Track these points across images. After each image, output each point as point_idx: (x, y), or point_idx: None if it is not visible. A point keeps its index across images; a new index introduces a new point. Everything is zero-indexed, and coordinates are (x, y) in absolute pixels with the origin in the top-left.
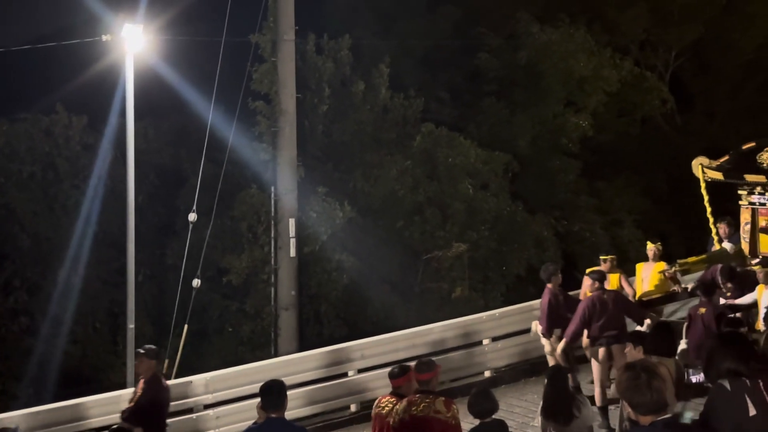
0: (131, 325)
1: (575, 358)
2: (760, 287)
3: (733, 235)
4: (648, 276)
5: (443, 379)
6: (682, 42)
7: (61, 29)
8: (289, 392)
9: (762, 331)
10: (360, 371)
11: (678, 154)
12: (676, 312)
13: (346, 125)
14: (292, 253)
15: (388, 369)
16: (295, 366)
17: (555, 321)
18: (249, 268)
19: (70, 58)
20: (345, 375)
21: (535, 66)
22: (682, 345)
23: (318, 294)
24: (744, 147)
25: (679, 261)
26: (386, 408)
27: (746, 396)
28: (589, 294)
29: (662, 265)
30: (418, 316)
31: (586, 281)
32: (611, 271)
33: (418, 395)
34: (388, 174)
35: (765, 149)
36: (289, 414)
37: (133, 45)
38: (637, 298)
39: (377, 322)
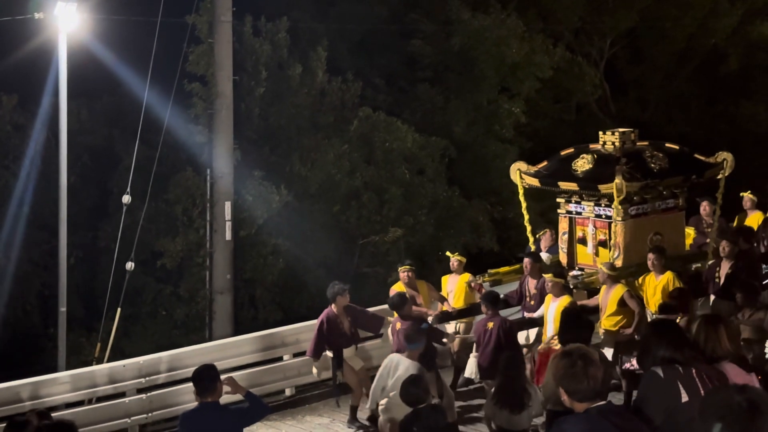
0: (63, 309)
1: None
2: (548, 298)
3: (552, 245)
4: (454, 288)
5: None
6: (617, 30)
7: None
8: (224, 377)
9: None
10: (295, 355)
11: None
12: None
13: (282, 108)
14: (228, 236)
15: None
16: (229, 350)
17: (325, 343)
18: (183, 251)
19: (0, 36)
20: (280, 359)
21: (469, 52)
22: (472, 359)
23: (253, 278)
24: (563, 153)
25: (490, 271)
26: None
27: (679, 383)
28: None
29: (467, 277)
30: (354, 301)
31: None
32: (410, 284)
33: None
34: (325, 158)
35: (581, 156)
36: (224, 399)
37: (67, 23)
38: (441, 309)
39: (313, 307)
